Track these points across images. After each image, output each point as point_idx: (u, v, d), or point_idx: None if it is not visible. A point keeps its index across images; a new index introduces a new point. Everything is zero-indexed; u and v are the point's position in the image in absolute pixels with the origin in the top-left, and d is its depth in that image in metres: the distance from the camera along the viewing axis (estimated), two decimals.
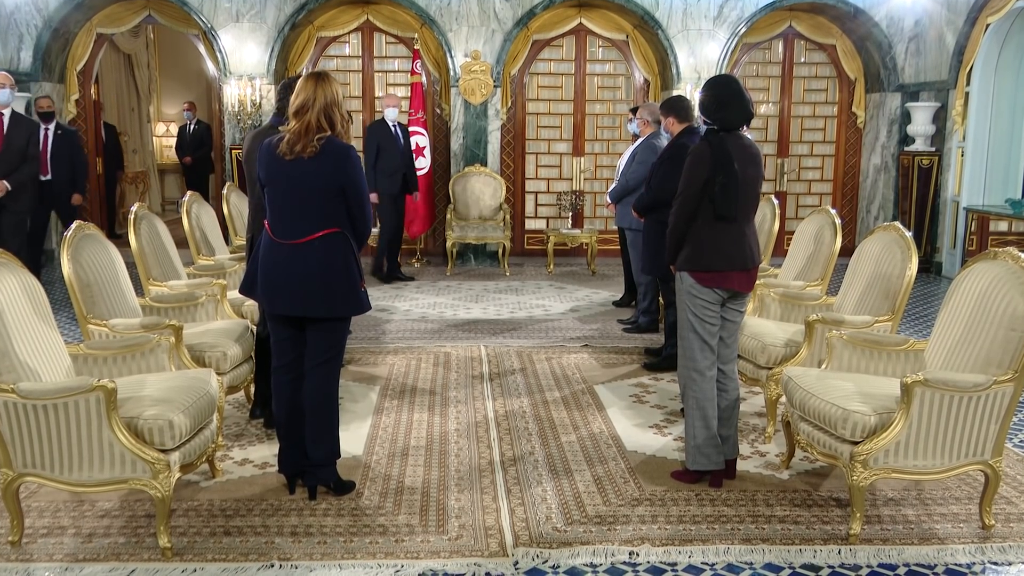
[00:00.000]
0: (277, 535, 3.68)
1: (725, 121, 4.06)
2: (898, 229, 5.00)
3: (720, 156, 3.98)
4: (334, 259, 3.81)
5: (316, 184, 3.76)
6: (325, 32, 11.19)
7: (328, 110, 3.77)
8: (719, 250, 4.05)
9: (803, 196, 11.88)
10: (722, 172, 3.96)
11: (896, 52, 10.91)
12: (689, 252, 4.11)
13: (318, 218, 3.78)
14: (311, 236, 3.77)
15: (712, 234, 4.06)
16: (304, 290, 3.79)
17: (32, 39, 10.32)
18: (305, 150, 3.74)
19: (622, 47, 11.44)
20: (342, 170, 3.77)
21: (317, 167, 3.75)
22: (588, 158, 11.64)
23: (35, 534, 3.69)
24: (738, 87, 4.11)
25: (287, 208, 3.81)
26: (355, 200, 3.83)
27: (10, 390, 3.40)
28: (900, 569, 3.51)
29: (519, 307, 8.51)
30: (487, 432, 4.96)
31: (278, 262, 3.83)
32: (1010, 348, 3.66)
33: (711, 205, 4.01)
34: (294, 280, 3.80)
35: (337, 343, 4.00)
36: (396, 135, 9.56)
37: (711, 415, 4.14)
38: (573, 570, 3.47)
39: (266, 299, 3.92)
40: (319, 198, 3.77)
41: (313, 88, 3.77)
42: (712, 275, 4.07)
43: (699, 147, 4.08)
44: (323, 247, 3.79)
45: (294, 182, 3.78)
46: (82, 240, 4.70)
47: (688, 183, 4.07)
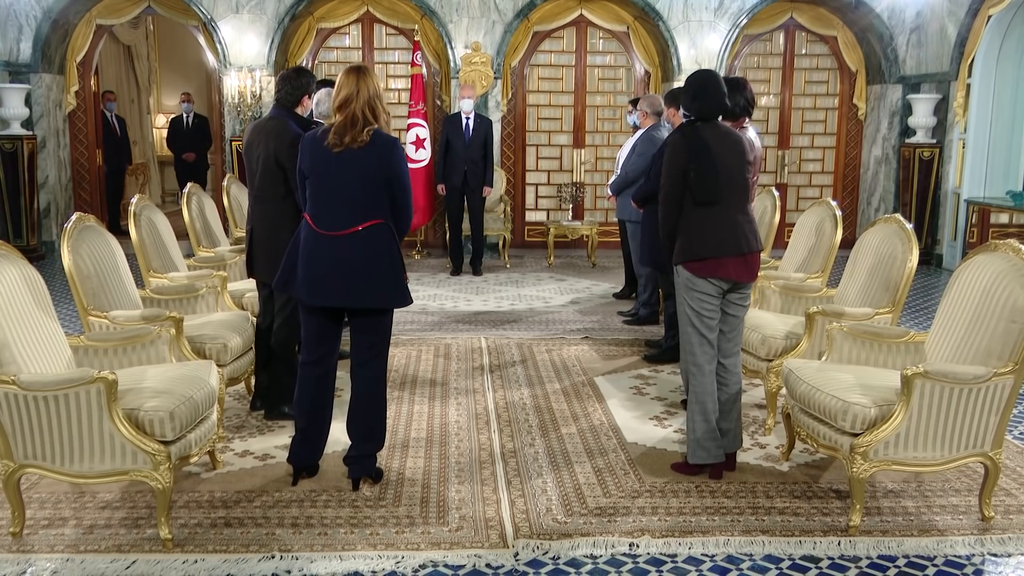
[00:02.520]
0: (278, 526, 3.69)
1: (700, 111, 4.13)
2: (899, 221, 4.99)
3: (693, 144, 4.04)
4: (379, 250, 3.82)
5: (364, 175, 3.78)
6: (325, 23, 11.16)
7: (371, 103, 3.80)
8: (708, 236, 4.05)
9: (804, 188, 11.87)
10: (695, 159, 4.01)
11: (897, 44, 10.89)
12: (681, 243, 4.12)
13: (364, 209, 3.79)
14: (356, 227, 3.78)
15: (699, 221, 4.06)
16: (349, 281, 3.80)
17: (31, 30, 10.30)
18: (355, 141, 3.75)
19: (623, 39, 11.41)
20: (389, 161, 3.80)
21: (366, 158, 3.77)
22: (588, 150, 11.62)
23: (36, 525, 3.69)
24: (713, 79, 4.18)
25: (334, 199, 3.82)
26: (399, 191, 3.86)
27: (11, 381, 3.40)
28: (900, 561, 3.52)
29: (519, 299, 8.51)
30: (487, 424, 4.96)
31: (322, 254, 3.82)
32: (1010, 340, 3.66)
33: (690, 194, 4.04)
34: (339, 271, 3.80)
35: (385, 336, 4.02)
36: (466, 128, 9.55)
37: (710, 409, 4.14)
38: (573, 561, 3.47)
39: (307, 291, 3.87)
40: (366, 189, 3.79)
41: (356, 81, 3.80)
42: (705, 263, 4.06)
43: (673, 139, 4.16)
44: (369, 238, 3.80)
45: (342, 173, 3.79)
46: (82, 232, 4.69)
47: (667, 175, 4.12)
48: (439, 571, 3.38)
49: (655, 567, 3.44)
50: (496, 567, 3.41)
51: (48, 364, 3.72)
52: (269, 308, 4.89)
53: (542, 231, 11.32)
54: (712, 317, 4.14)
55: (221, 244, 7.01)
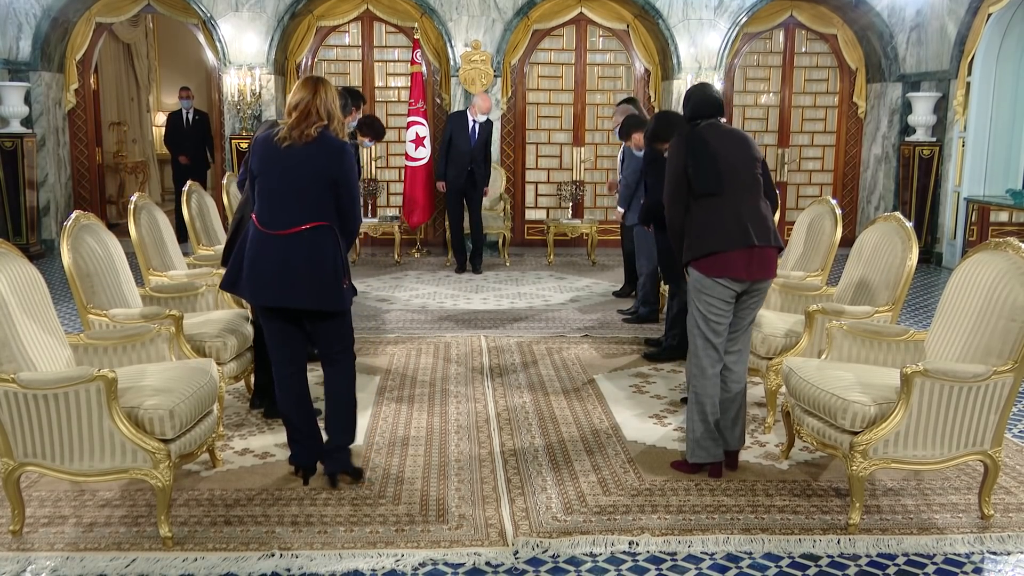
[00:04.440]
0: (278, 524, 3.69)
1: (693, 110, 4.20)
2: (898, 219, 4.99)
3: (690, 140, 4.08)
4: (321, 252, 3.78)
5: (308, 173, 3.75)
6: (325, 21, 11.16)
7: (328, 106, 3.80)
8: (712, 230, 4.01)
9: (804, 186, 11.87)
10: (692, 154, 4.03)
11: (897, 42, 10.89)
12: (687, 241, 4.10)
13: (308, 209, 3.76)
14: (299, 227, 3.75)
15: (702, 215, 4.04)
16: (290, 282, 3.77)
17: (31, 28, 10.30)
18: (301, 138, 3.74)
19: (623, 37, 11.41)
20: (335, 162, 3.77)
21: (311, 156, 3.75)
22: (588, 148, 11.62)
23: (36, 523, 3.69)
24: (701, 85, 4.32)
25: (277, 198, 3.79)
26: (346, 194, 3.82)
27: (11, 380, 3.40)
28: (899, 559, 3.52)
29: (519, 297, 8.51)
30: (487, 422, 4.96)
31: (265, 253, 3.80)
32: (1010, 338, 3.66)
33: (691, 190, 4.05)
34: (281, 271, 3.77)
35: (343, 336, 4.01)
36: (472, 130, 9.55)
37: (709, 411, 4.13)
38: (573, 560, 3.47)
39: (251, 290, 3.87)
40: (310, 189, 3.76)
41: (313, 86, 3.82)
42: (713, 261, 4.00)
43: (673, 141, 4.19)
44: (312, 239, 3.77)
45: (287, 171, 3.77)
46: (82, 230, 4.69)
47: (669, 175, 4.12)
48: (439, 569, 3.39)
49: (655, 565, 3.44)
50: (496, 565, 3.42)
51: (48, 362, 3.72)
52: None
53: (542, 229, 11.31)
54: (720, 322, 4.10)
55: (220, 242, 7.00)
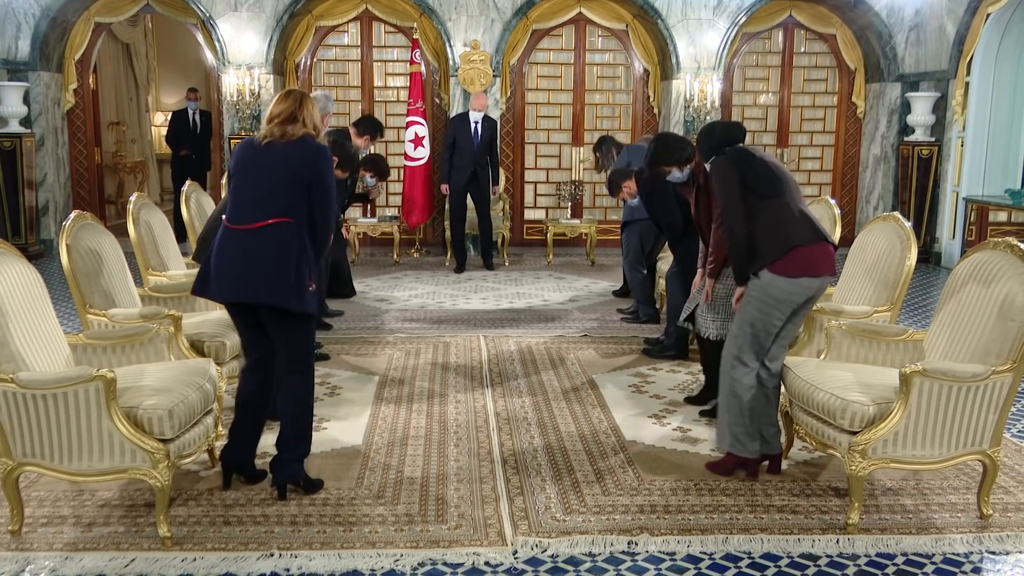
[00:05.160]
0: (276, 524, 3.69)
1: (725, 138, 4.25)
2: (897, 219, 5.00)
3: (736, 156, 4.13)
4: (284, 249, 3.69)
5: (284, 171, 3.71)
6: (324, 21, 11.16)
7: (314, 120, 3.82)
8: (787, 227, 4.00)
9: (803, 186, 11.79)
10: (746, 165, 4.08)
11: (896, 42, 10.89)
12: (765, 244, 4.00)
13: (276, 206, 3.70)
14: (264, 222, 3.69)
15: (771, 217, 4.02)
16: (246, 275, 3.69)
17: (30, 28, 10.29)
18: (283, 136, 3.73)
19: (622, 37, 11.41)
20: (312, 163, 3.74)
21: (290, 155, 3.72)
22: (587, 148, 11.60)
23: (35, 523, 3.69)
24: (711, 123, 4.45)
25: (248, 193, 3.76)
26: (319, 197, 3.75)
27: (9, 380, 3.40)
28: (898, 559, 3.52)
29: (518, 297, 8.51)
30: (486, 422, 4.96)
31: (228, 247, 3.76)
32: (1009, 338, 3.66)
33: (754, 195, 4.04)
34: (239, 265, 3.71)
35: (299, 344, 3.88)
36: (475, 132, 9.56)
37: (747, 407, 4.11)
38: (572, 560, 3.47)
39: (213, 285, 3.78)
40: (281, 185, 3.71)
41: (298, 97, 3.83)
42: (795, 257, 3.95)
43: (717, 163, 4.18)
44: (275, 234, 3.69)
45: (262, 168, 3.74)
46: (80, 230, 4.69)
47: (727, 191, 4.09)
48: (438, 569, 3.39)
49: (654, 565, 3.44)
50: (495, 565, 3.42)
51: (47, 362, 3.72)
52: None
53: (541, 229, 11.31)
54: (773, 330, 4.09)
55: None
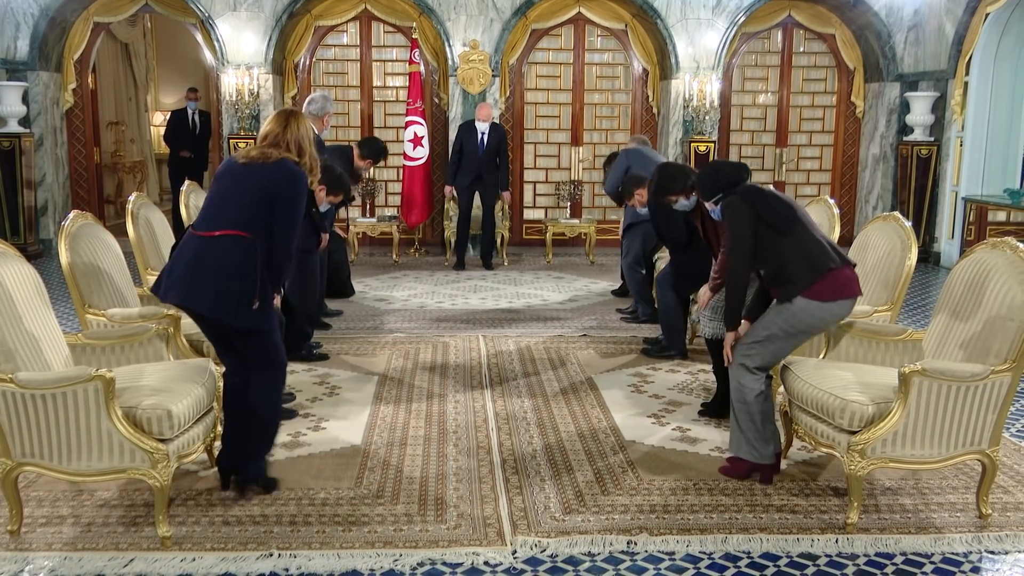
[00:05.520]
0: (276, 524, 3.69)
1: (732, 179, 4.19)
2: (898, 219, 5.00)
3: (748, 193, 4.09)
4: (232, 262, 3.66)
5: (251, 186, 3.71)
6: (323, 21, 11.15)
7: (299, 140, 3.81)
8: (815, 253, 3.97)
9: (802, 186, 11.87)
10: (759, 201, 4.04)
11: (895, 41, 10.89)
12: (795, 274, 3.98)
13: (235, 219, 3.68)
14: (220, 232, 3.68)
15: (795, 247, 3.98)
16: (194, 281, 3.68)
17: (29, 28, 10.28)
18: (261, 157, 3.73)
19: (621, 36, 11.41)
20: (283, 184, 3.71)
21: (264, 175, 3.71)
22: (587, 148, 11.62)
23: (34, 523, 3.69)
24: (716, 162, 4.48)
25: (216, 204, 3.77)
26: (282, 219, 3.71)
27: (8, 380, 3.40)
28: (897, 558, 3.52)
29: (517, 297, 8.51)
30: (485, 422, 4.96)
31: (183, 251, 3.76)
32: (1008, 338, 3.66)
33: (773, 232, 3.99)
34: (187, 270, 3.70)
35: (260, 355, 3.85)
36: (481, 141, 9.64)
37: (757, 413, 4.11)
38: (571, 559, 3.47)
39: (163, 286, 3.77)
40: (245, 200, 3.70)
41: (284, 119, 3.83)
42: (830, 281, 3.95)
43: (729, 202, 4.11)
44: (227, 246, 3.66)
45: (236, 183, 3.75)
46: (80, 230, 4.69)
47: (739, 230, 4.05)
48: (437, 569, 3.39)
49: (653, 565, 3.44)
50: (494, 565, 3.42)
51: (46, 362, 3.71)
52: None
53: (540, 229, 11.31)
54: (796, 348, 4.18)
55: None
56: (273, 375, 3.92)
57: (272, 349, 3.88)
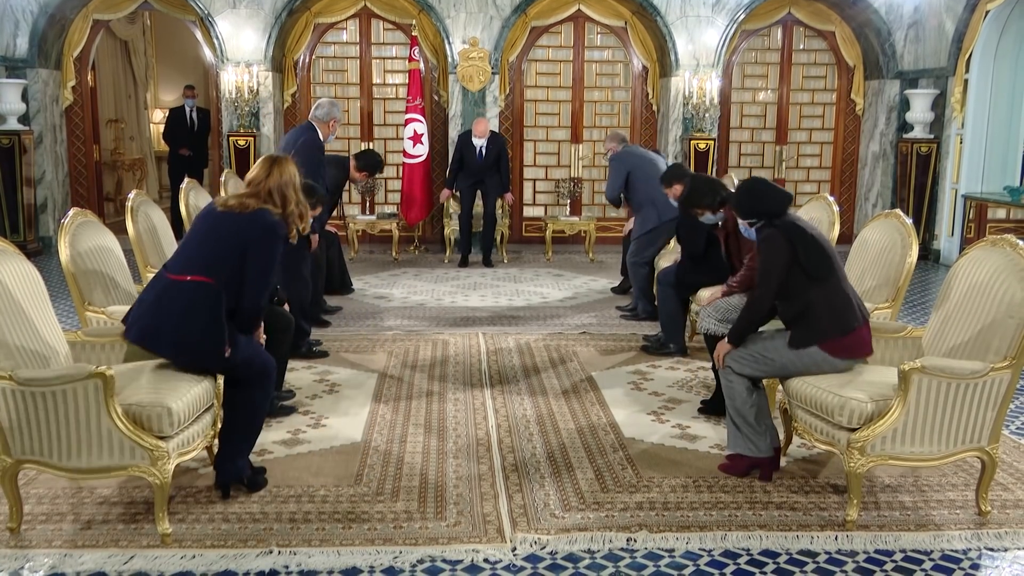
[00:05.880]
0: (275, 521, 3.69)
1: (770, 211, 4.06)
2: (899, 216, 5.00)
3: (790, 230, 3.96)
4: (196, 308, 3.65)
5: (223, 235, 3.70)
6: (322, 18, 11.14)
7: (282, 188, 3.77)
8: (838, 311, 3.94)
9: (801, 183, 11.86)
10: (800, 243, 3.93)
11: (895, 39, 10.88)
12: (814, 323, 3.94)
13: (201, 266, 3.67)
14: (184, 277, 3.67)
15: (824, 298, 3.94)
16: (154, 324, 3.68)
17: (28, 25, 10.27)
18: (238, 207, 3.71)
19: (621, 34, 11.40)
20: (257, 236, 3.68)
21: (238, 224, 3.69)
22: (586, 145, 11.61)
23: (34, 520, 3.69)
24: (762, 183, 4.20)
25: (188, 247, 3.78)
26: (253, 270, 3.68)
27: (8, 377, 3.40)
28: (897, 555, 3.53)
29: (517, 294, 8.51)
30: (485, 419, 4.97)
31: (149, 291, 3.78)
32: (1007, 335, 3.66)
33: (805, 276, 3.93)
34: (151, 311, 3.69)
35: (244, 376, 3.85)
36: (479, 154, 9.73)
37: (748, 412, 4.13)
38: (571, 556, 3.48)
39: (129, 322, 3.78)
40: (220, 249, 3.68)
41: (267, 167, 3.80)
42: (847, 342, 3.94)
43: (770, 235, 3.99)
44: (191, 292, 3.65)
45: (211, 228, 3.74)
46: (79, 228, 4.69)
47: (772, 268, 3.97)
48: (437, 566, 3.39)
49: (652, 562, 3.45)
50: (494, 562, 3.42)
51: (45, 360, 3.71)
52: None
53: (540, 227, 11.31)
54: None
55: None
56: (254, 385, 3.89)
57: (250, 368, 3.85)
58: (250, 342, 3.88)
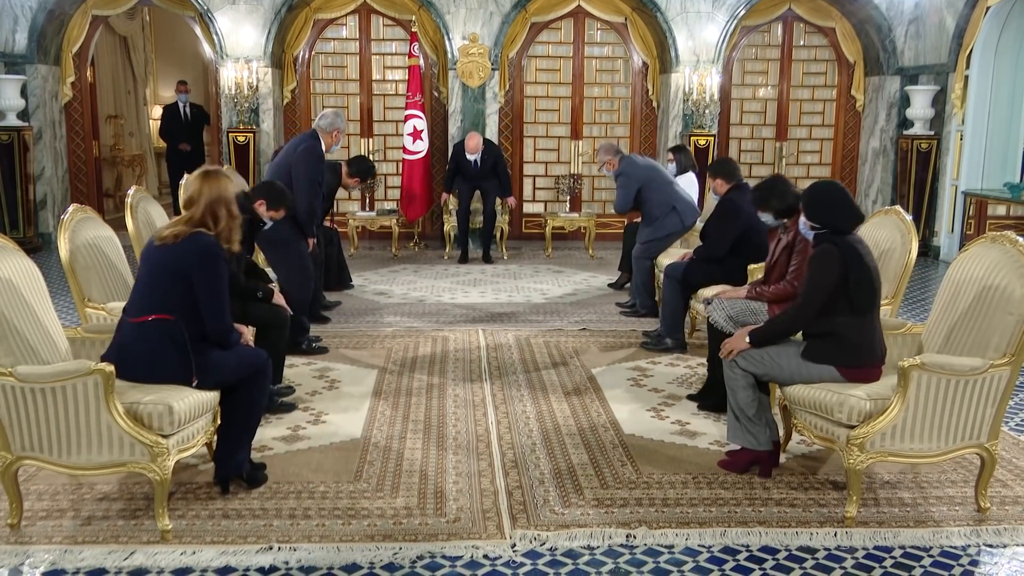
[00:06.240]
0: (275, 518, 3.70)
1: (836, 226, 3.96)
2: (899, 213, 5.00)
3: (848, 254, 3.88)
4: (157, 347, 3.68)
5: (167, 269, 3.70)
6: (322, 14, 11.12)
7: (213, 206, 3.76)
8: (867, 344, 3.93)
9: (801, 180, 11.83)
10: (855, 269, 3.87)
11: (896, 35, 10.87)
12: (834, 347, 3.94)
13: (159, 302, 3.68)
14: (144, 318, 3.69)
15: (857, 329, 3.91)
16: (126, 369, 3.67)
17: (27, 21, 10.26)
18: (171, 239, 3.71)
19: (621, 30, 11.38)
20: (195, 263, 3.68)
21: (174, 255, 3.70)
22: (586, 141, 11.60)
23: (34, 517, 3.70)
24: (843, 194, 4.03)
25: (139, 287, 3.78)
26: (203, 294, 3.70)
27: (8, 373, 3.40)
28: (896, 552, 3.53)
29: (517, 291, 8.51)
30: (485, 416, 4.97)
31: (117, 337, 3.79)
32: (1007, 332, 3.66)
33: (847, 302, 3.88)
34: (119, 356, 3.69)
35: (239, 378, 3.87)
36: (475, 164, 9.84)
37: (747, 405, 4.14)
38: (570, 552, 3.48)
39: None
40: (166, 284, 3.69)
41: (199, 184, 3.79)
42: (863, 372, 3.93)
43: (826, 251, 3.91)
44: (154, 331, 3.67)
45: (153, 265, 3.75)
46: (79, 224, 4.69)
47: (816, 288, 3.92)
48: (437, 562, 3.39)
49: (652, 558, 3.45)
50: (493, 558, 3.42)
51: (45, 356, 3.71)
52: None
53: (539, 223, 11.30)
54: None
55: None
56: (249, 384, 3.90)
57: (239, 373, 3.86)
58: (232, 352, 3.87)
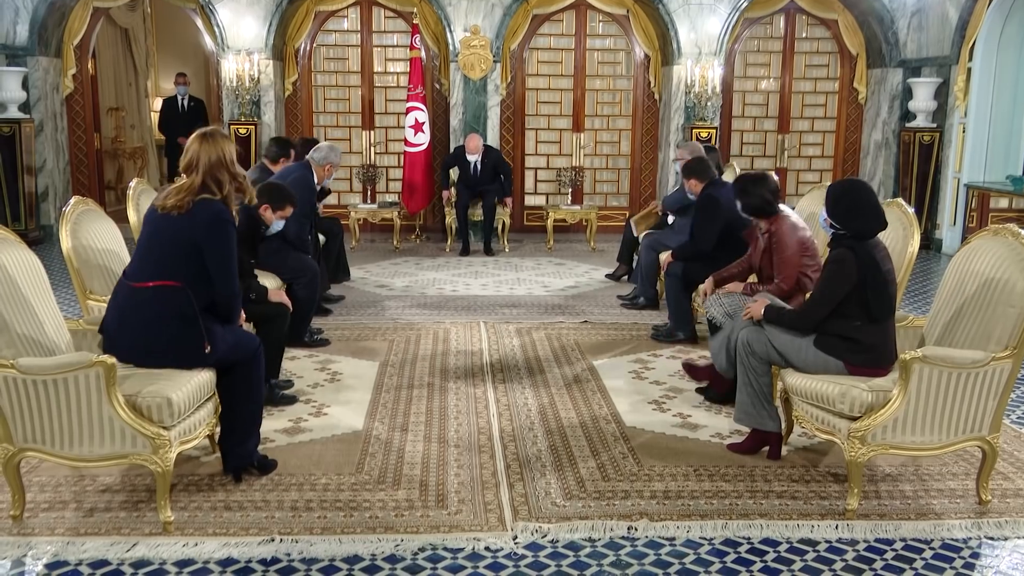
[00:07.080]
0: (277, 509, 3.70)
1: (858, 231, 3.92)
2: (901, 206, 4.98)
3: (866, 262, 3.86)
4: (168, 313, 3.65)
5: (174, 237, 3.66)
6: (323, 6, 11.10)
7: (214, 170, 3.69)
8: (876, 350, 3.93)
9: (803, 172, 11.84)
10: (872, 277, 3.86)
11: (898, 27, 10.84)
12: (848, 347, 3.95)
13: (164, 269, 3.65)
14: (146, 283, 3.66)
15: (872, 336, 3.92)
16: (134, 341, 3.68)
17: (28, 13, 10.24)
18: (175, 208, 3.66)
19: (622, 22, 11.36)
20: (205, 232, 3.64)
21: (180, 225, 3.65)
22: (588, 134, 11.59)
23: (36, 508, 3.70)
24: (869, 196, 3.95)
25: (142, 251, 3.75)
26: (213, 262, 3.67)
27: (10, 365, 3.40)
28: (897, 544, 3.53)
29: (518, 283, 8.51)
30: (486, 408, 4.97)
31: (117, 303, 3.75)
32: (1009, 324, 3.66)
33: (862, 308, 3.89)
34: (126, 327, 3.68)
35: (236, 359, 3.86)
36: (474, 168, 9.89)
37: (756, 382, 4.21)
38: (572, 545, 3.49)
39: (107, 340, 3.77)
40: (173, 252, 3.65)
41: (198, 146, 3.71)
42: (872, 371, 3.93)
43: (842, 256, 3.89)
44: (158, 298, 3.64)
45: (157, 231, 3.70)
46: (80, 216, 4.69)
47: (829, 294, 3.93)
48: (438, 554, 3.40)
49: (653, 550, 3.45)
50: (495, 550, 3.43)
51: (47, 348, 3.72)
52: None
53: (541, 215, 11.30)
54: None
55: None
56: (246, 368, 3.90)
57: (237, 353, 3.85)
58: (231, 330, 3.88)
